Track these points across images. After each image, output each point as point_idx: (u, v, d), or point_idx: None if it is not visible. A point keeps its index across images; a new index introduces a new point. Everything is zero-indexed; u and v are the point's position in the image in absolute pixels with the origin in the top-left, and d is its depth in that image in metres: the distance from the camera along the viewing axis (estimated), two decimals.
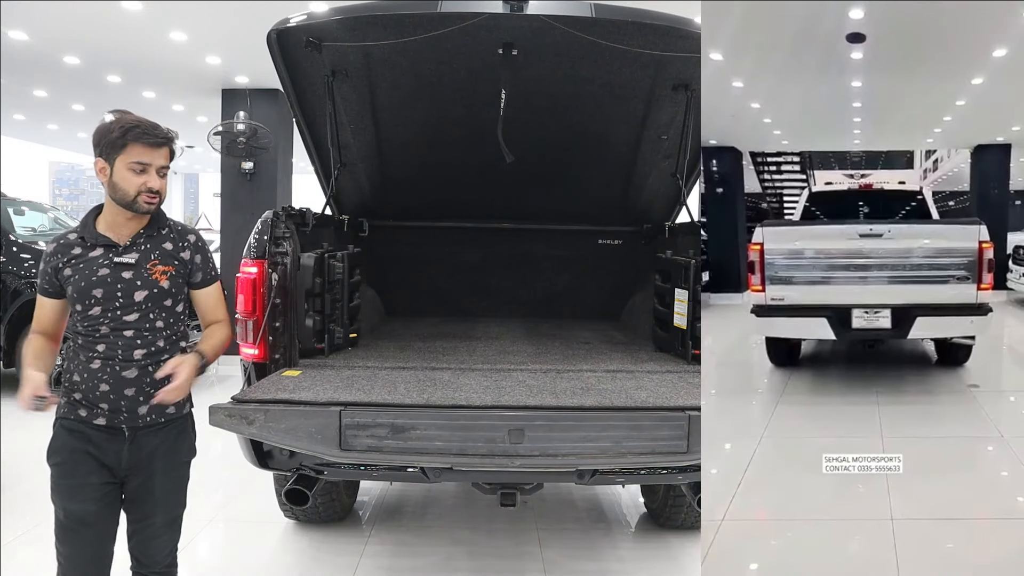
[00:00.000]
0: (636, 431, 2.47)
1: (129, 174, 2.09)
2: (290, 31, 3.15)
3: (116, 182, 2.10)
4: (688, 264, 3.43)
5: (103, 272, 2.11)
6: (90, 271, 2.10)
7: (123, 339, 2.12)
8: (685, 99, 3.63)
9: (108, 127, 2.09)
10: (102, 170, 2.12)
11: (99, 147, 2.11)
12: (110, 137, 2.08)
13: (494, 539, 3.76)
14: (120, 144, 2.08)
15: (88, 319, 2.11)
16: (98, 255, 2.12)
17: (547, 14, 2.95)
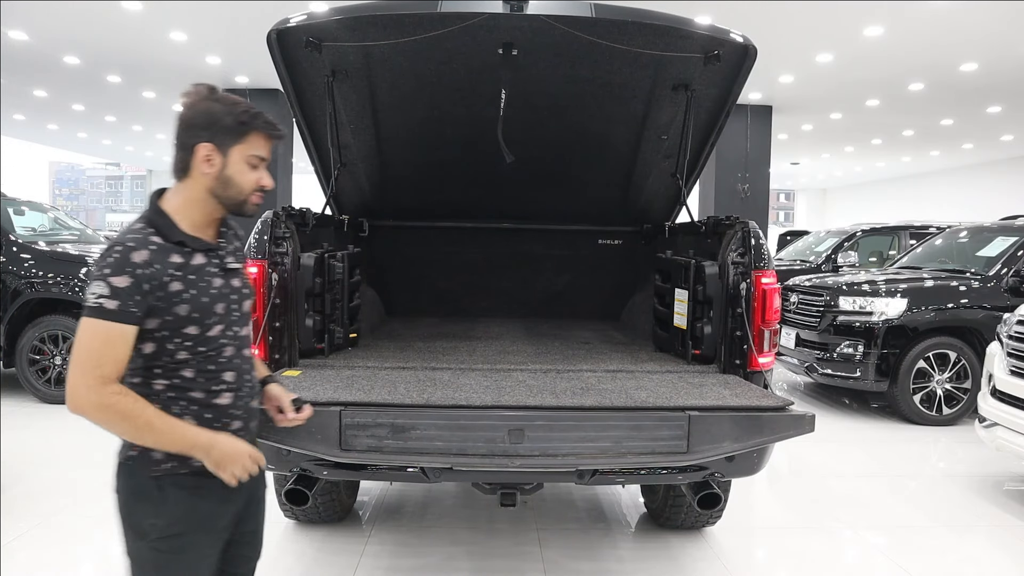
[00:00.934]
0: (636, 431, 2.47)
1: (246, 168, 1.76)
2: (290, 31, 3.15)
3: (230, 176, 1.74)
4: (688, 264, 3.43)
5: (218, 282, 1.75)
6: (205, 283, 1.71)
7: (245, 360, 1.82)
8: (685, 99, 3.63)
9: (219, 108, 1.72)
10: (208, 159, 1.71)
11: (208, 131, 1.71)
12: (226, 122, 1.71)
13: (494, 539, 3.76)
14: (240, 132, 1.74)
15: (207, 343, 1.71)
16: (203, 263, 1.73)
17: (547, 14, 2.95)
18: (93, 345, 1.59)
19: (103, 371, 1.59)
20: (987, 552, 3.81)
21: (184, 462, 1.69)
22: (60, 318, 6.52)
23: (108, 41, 7.94)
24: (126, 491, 1.71)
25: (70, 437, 5.54)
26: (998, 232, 7.08)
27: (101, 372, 1.59)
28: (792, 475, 4.98)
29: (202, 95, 1.73)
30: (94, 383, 1.58)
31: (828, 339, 6.54)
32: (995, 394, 4.48)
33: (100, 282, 1.59)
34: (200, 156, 1.71)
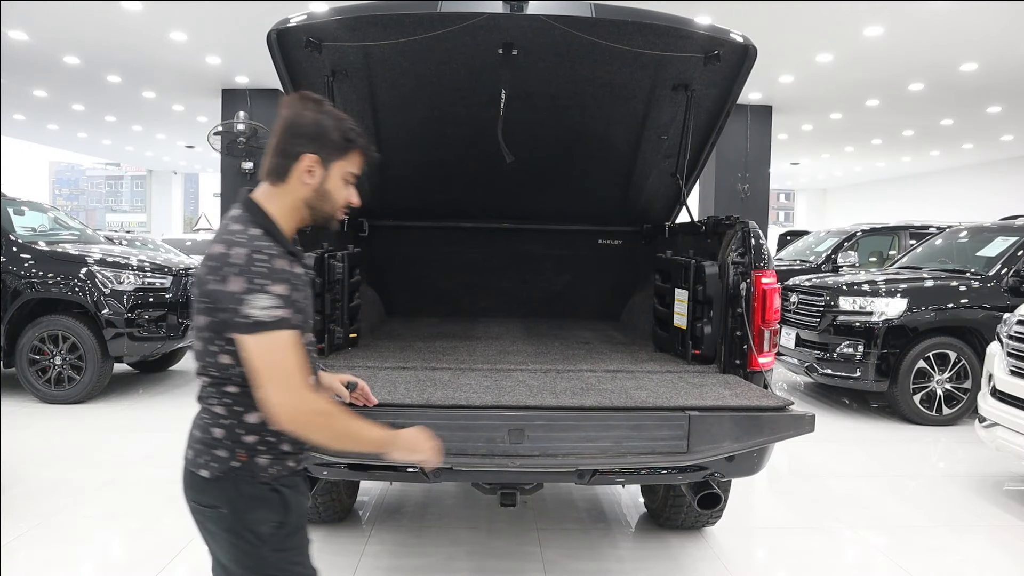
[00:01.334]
0: (636, 431, 2.47)
1: (341, 184, 1.78)
2: (290, 31, 3.15)
3: (328, 190, 1.75)
4: (688, 264, 3.43)
5: (308, 291, 1.77)
6: (306, 292, 1.75)
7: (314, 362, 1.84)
8: (685, 99, 3.63)
9: (328, 122, 1.72)
10: (310, 171, 1.71)
11: (315, 143, 1.71)
12: (333, 136, 1.73)
13: (494, 539, 3.76)
14: (345, 148, 1.76)
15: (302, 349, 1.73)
16: (302, 271, 1.74)
17: (547, 14, 2.95)
18: (287, 357, 1.58)
19: (306, 378, 1.61)
20: (987, 552, 3.81)
21: (284, 464, 1.71)
22: (60, 318, 6.52)
23: (108, 41, 7.94)
24: (238, 501, 1.66)
25: (70, 437, 5.55)
26: (998, 232, 7.08)
27: (304, 380, 1.61)
28: (792, 475, 4.98)
29: (310, 105, 1.73)
30: (306, 392, 1.60)
31: (828, 339, 6.54)
32: (995, 394, 4.48)
33: (261, 294, 1.56)
34: (303, 166, 1.70)
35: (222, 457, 1.66)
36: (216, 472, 1.66)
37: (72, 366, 6.51)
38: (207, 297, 1.61)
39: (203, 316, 1.64)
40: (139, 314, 6.60)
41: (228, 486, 1.66)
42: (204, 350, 1.66)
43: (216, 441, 1.67)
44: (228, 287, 1.56)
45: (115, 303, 6.50)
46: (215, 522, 1.68)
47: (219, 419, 1.67)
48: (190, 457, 1.71)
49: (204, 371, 1.69)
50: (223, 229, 1.68)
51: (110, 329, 6.46)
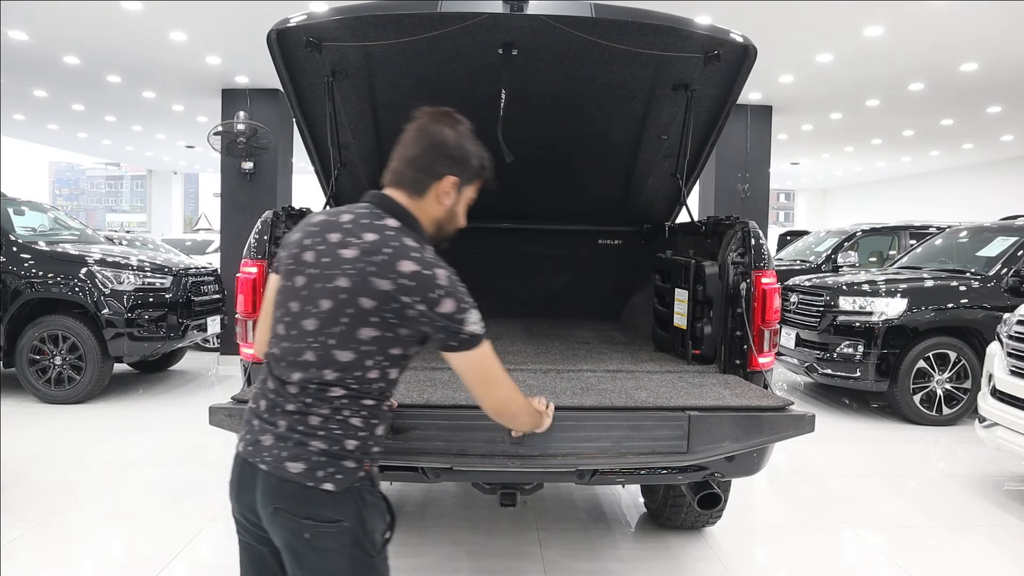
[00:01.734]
0: (636, 431, 2.47)
1: (463, 209, 1.83)
2: (290, 31, 3.15)
3: (456, 213, 1.81)
4: (688, 264, 3.43)
5: None
6: None
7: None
8: (685, 99, 3.63)
9: (471, 149, 1.79)
10: (447, 193, 1.75)
11: (459, 167, 1.76)
12: (473, 164, 1.78)
13: (494, 539, 3.76)
14: (477, 177, 1.82)
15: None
16: None
17: (547, 14, 2.95)
18: (495, 361, 1.75)
19: (508, 376, 1.81)
20: (987, 552, 3.81)
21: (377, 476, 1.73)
22: (60, 318, 6.52)
23: (108, 41, 7.94)
24: (363, 511, 1.63)
25: (70, 437, 5.55)
26: (998, 232, 7.08)
27: (507, 374, 1.80)
28: (792, 475, 4.98)
29: (456, 126, 1.79)
30: (513, 386, 1.82)
31: (828, 339, 6.54)
32: (995, 394, 4.48)
33: (471, 311, 1.67)
34: (444, 186, 1.74)
35: (350, 468, 1.61)
36: (343, 484, 1.59)
37: (72, 366, 6.51)
38: (395, 315, 1.60)
39: (373, 330, 1.60)
40: (139, 314, 6.60)
41: (354, 498, 1.61)
42: (355, 363, 1.62)
43: (347, 453, 1.61)
44: (442, 309, 1.61)
45: (115, 303, 6.50)
46: (334, 538, 1.59)
47: (356, 431, 1.63)
48: (301, 470, 1.58)
49: (341, 382, 1.62)
50: (397, 241, 1.62)
51: (110, 329, 6.46)
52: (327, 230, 1.67)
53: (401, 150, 1.77)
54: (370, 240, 1.62)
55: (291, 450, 1.59)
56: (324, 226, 1.69)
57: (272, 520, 1.61)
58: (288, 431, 1.61)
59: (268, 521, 1.62)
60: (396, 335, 1.63)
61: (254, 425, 1.67)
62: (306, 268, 1.66)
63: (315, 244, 1.67)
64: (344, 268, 1.60)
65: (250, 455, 1.64)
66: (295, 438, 1.60)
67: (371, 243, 1.62)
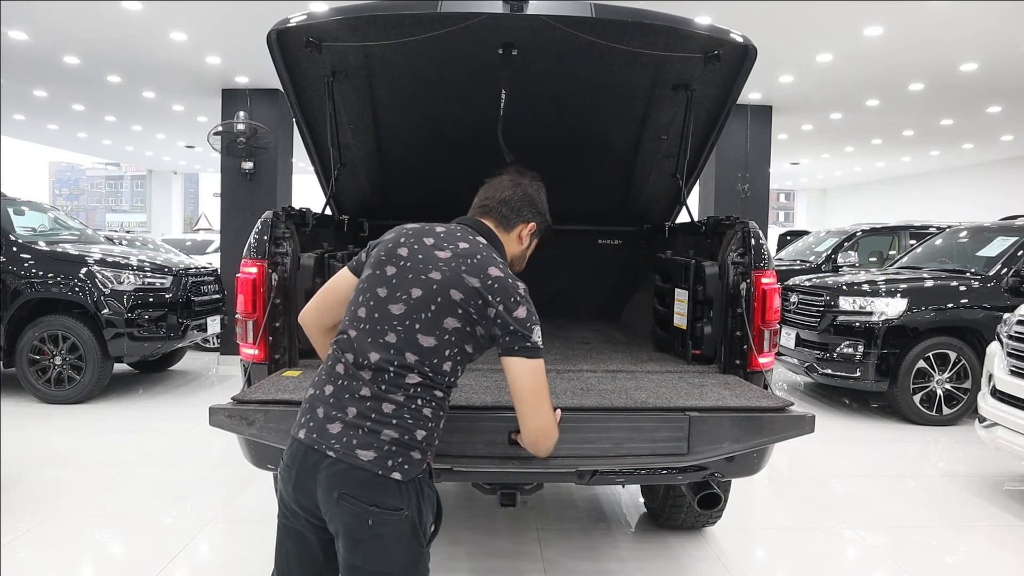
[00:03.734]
0: (636, 432, 2.46)
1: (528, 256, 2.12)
2: (290, 31, 3.15)
3: (524, 257, 2.11)
4: (688, 264, 3.43)
5: None
6: None
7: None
8: (685, 99, 3.63)
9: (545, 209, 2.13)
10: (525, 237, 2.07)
11: (540, 218, 2.10)
12: (548, 220, 2.14)
13: (494, 539, 3.76)
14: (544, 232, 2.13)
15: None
16: None
17: (547, 14, 2.95)
18: (547, 384, 1.84)
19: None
20: (987, 552, 3.81)
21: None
22: (60, 318, 6.52)
23: (108, 41, 7.93)
24: (423, 502, 1.70)
25: (70, 437, 5.55)
26: (998, 232, 7.08)
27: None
28: (792, 475, 4.98)
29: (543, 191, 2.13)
30: (554, 417, 1.88)
31: (828, 339, 6.54)
32: (995, 394, 4.48)
33: (538, 325, 1.80)
34: (527, 230, 2.05)
35: (417, 460, 1.68)
36: (410, 474, 1.66)
37: (72, 366, 6.51)
38: (478, 311, 1.73)
39: (456, 321, 1.73)
40: (139, 314, 6.60)
41: (416, 488, 1.68)
42: (436, 350, 1.71)
43: (416, 443, 1.67)
44: (517, 313, 1.75)
45: (115, 303, 6.50)
46: (395, 526, 1.64)
47: (427, 422, 1.70)
48: (371, 458, 1.62)
49: (419, 369, 1.69)
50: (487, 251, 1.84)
51: (110, 329, 6.46)
52: (422, 235, 1.86)
53: (492, 191, 2.04)
54: (463, 247, 1.83)
55: (362, 438, 1.64)
56: (419, 231, 1.88)
57: (336, 506, 1.64)
58: (359, 418, 1.65)
59: (330, 507, 1.65)
60: (473, 331, 1.74)
61: (318, 412, 1.70)
62: (400, 260, 1.80)
63: (410, 243, 1.84)
64: (439, 264, 1.77)
65: (315, 442, 1.66)
66: (367, 426, 1.64)
67: (464, 249, 1.82)
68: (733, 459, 2.67)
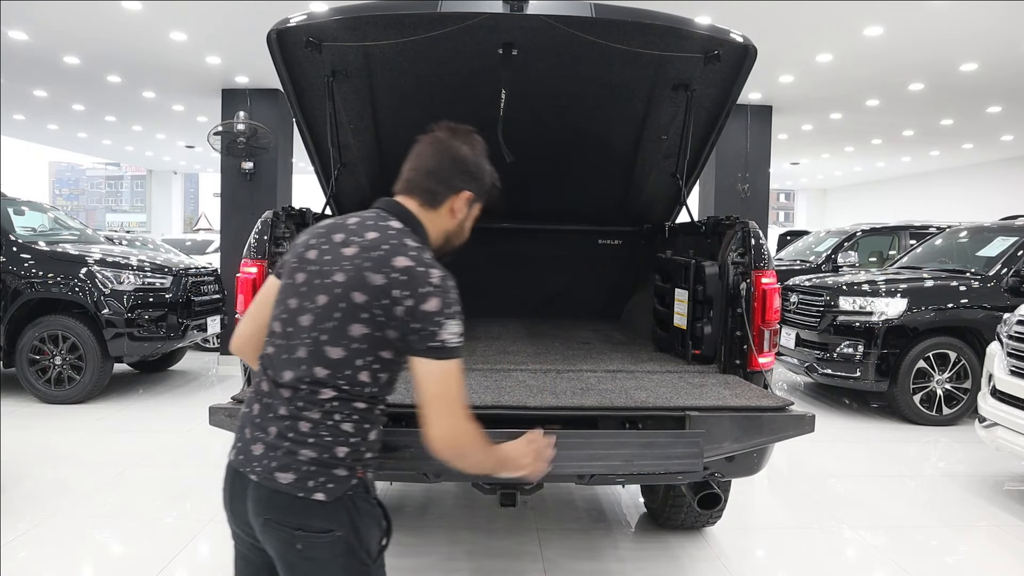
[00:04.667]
0: (648, 448, 2.40)
1: (470, 226, 1.85)
2: (290, 31, 3.15)
3: (463, 230, 1.83)
4: (688, 264, 3.43)
5: None
6: None
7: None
8: (685, 99, 3.63)
9: (487, 168, 1.82)
10: (460, 208, 1.77)
11: (476, 183, 1.79)
12: (487, 181, 1.81)
13: (494, 539, 3.76)
14: (488, 195, 1.83)
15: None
16: None
17: (547, 14, 2.95)
18: (459, 384, 1.61)
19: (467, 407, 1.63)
20: (987, 552, 3.81)
21: (376, 476, 1.68)
22: (60, 318, 6.52)
23: (108, 41, 7.93)
24: (357, 520, 1.57)
25: (70, 437, 5.55)
26: (998, 232, 7.08)
27: (467, 407, 1.63)
28: (792, 475, 4.98)
29: (476, 145, 1.82)
30: (469, 419, 1.61)
31: (828, 339, 6.54)
32: (995, 394, 4.48)
33: (457, 322, 1.61)
34: (460, 200, 1.75)
35: (341, 477, 1.55)
36: (335, 493, 1.54)
37: (72, 366, 6.51)
38: (384, 312, 1.54)
39: (364, 327, 1.55)
40: (139, 314, 6.60)
41: (347, 506, 1.56)
42: (346, 361, 1.56)
43: (338, 461, 1.55)
44: (426, 307, 1.55)
45: (115, 303, 6.50)
46: (326, 547, 1.55)
47: (347, 437, 1.57)
48: (291, 481, 1.53)
49: (330, 382, 1.56)
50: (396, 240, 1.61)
51: (110, 329, 6.46)
52: (332, 231, 1.67)
53: (416, 161, 1.77)
54: (371, 238, 1.61)
55: (281, 459, 1.55)
56: (330, 228, 1.68)
57: (264, 531, 1.59)
58: (278, 438, 1.56)
59: (260, 532, 1.60)
60: (385, 336, 1.56)
61: (245, 433, 1.64)
62: (308, 265, 1.63)
63: (319, 244, 1.66)
64: (343, 264, 1.58)
65: (241, 464, 1.62)
66: (285, 446, 1.55)
67: (371, 240, 1.60)
68: (733, 459, 2.67)
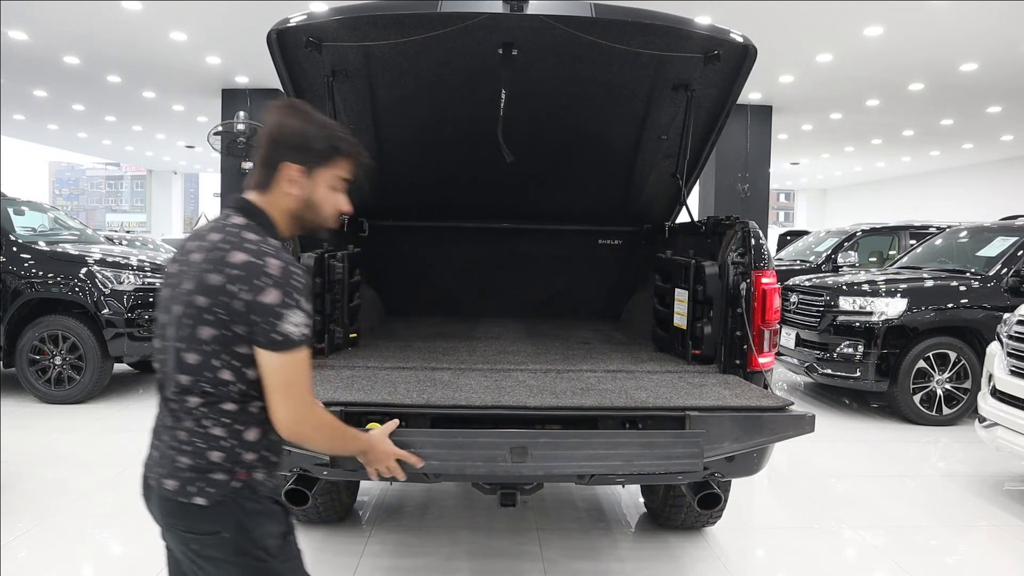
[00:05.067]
0: (648, 448, 2.40)
1: (329, 192, 1.71)
2: (290, 31, 3.15)
3: (316, 200, 1.70)
4: (688, 264, 3.43)
5: None
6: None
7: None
8: (685, 99, 3.63)
9: (312, 133, 1.68)
10: (294, 181, 1.66)
11: (298, 153, 1.66)
12: (317, 146, 1.67)
13: (494, 539, 3.76)
14: (330, 156, 1.69)
15: None
16: None
17: (547, 14, 2.95)
18: (303, 373, 1.60)
19: (313, 393, 1.66)
20: (987, 552, 3.81)
21: (276, 475, 1.70)
22: (60, 318, 6.52)
23: (108, 41, 7.94)
24: (242, 522, 1.60)
25: (70, 437, 5.55)
26: (998, 232, 7.08)
27: (313, 394, 1.66)
28: (792, 475, 4.98)
29: (294, 114, 1.69)
30: (313, 405, 1.65)
31: (828, 339, 6.53)
32: (995, 394, 4.48)
33: (298, 311, 1.56)
34: (287, 176, 1.67)
35: (220, 480, 1.59)
36: (215, 498, 1.58)
37: (72, 366, 6.51)
38: (225, 309, 1.54)
39: (210, 328, 1.55)
40: (139, 314, 6.59)
41: (231, 508, 1.59)
42: (203, 365, 1.57)
43: (213, 465, 1.58)
44: (264, 298, 1.52)
45: (115, 303, 6.50)
46: (216, 548, 1.61)
47: (218, 441, 1.59)
48: (173, 488, 1.58)
49: (194, 388, 1.58)
50: (234, 236, 1.59)
51: (110, 329, 6.46)
52: (189, 241, 1.68)
53: (256, 151, 1.74)
54: (212, 240, 1.60)
55: (166, 467, 1.61)
56: (188, 239, 1.70)
57: (166, 534, 1.67)
58: (166, 447, 1.62)
59: (164, 534, 1.68)
60: (234, 333, 1.55)
61: (151, 442, 1.70)
62: (170, 279, 1.66)
63: (179, 256, 1.68)
64: (192, 271, 1.59)
65: (145, 471, 1.69)
66: (170, 455, 1.61)
67: (212, 242, 1.60)
68: (733, 459, 2.67)
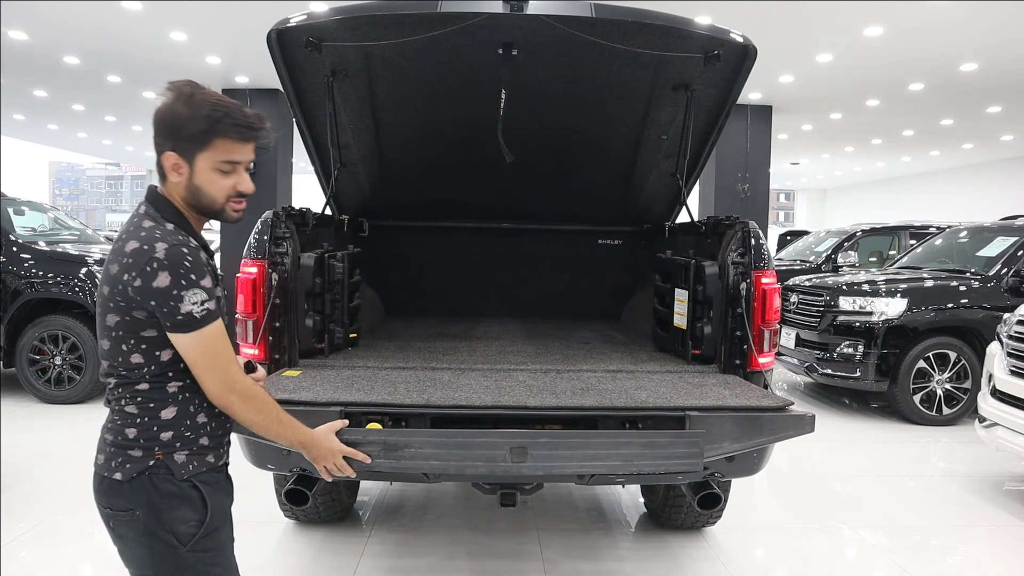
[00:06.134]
0: (648, 448, 2.39)
1: (216, 176, 1.66)
2: (290, 31, 3.15)
3: (200, 186, 1.66)
4: (688, 264, 3.43)
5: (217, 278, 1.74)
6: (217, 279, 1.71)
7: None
8: (685, 99, 3.63)
9: (183, 115, 1.61)
10: (176, 168, 1.64)
11: (172, 139, 1.63)
12: (188, 130, 1.61)
13: (494, 539, 3.76)
14: (203, 140, 1.63)
15: None
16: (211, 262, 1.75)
17: (547, 14, 2.95)
18: (220, 347, 1.64)
19: (237, 364, 1.70)
20: (987, 552, 3.81)
21: (203, 460, 1.69)
22: (60, 318, 6.52)
23: (108, 41, 7.94)
24: (156, 500, 1.62)
25: (70, 437, 5.55)
26: (998, 232, 7.08)
27: (237, 365, 1.69)
28: (792, 475, 4.98)
29: (170, 97, 1.64)
30: (236, 375, 1.67)
31: (828, 339, 6.54)
32: (995, 394, 4.48)
33: (195, 290, 1.59)
34: (167, 165, 1.65)
35: (136, 457, 1.63)
36: (130, 473, 1.62)
37: (72, 366, 6.51)
38: (122, 296, 1.59)
39: (114, 315, 1.62)
40: None
41: (145, 486, 1.62)
42: (114, 350, 1.65)
43: (130, 442, 1.63)
44: (156, 283, 1.56)
45: None
46: (129, 526, 1.64)
47: (132, 419, 1.64)
48: (100, 462, 1.67)
49: (113, 372, 1.66)
50: (134, 226, 1.64)
51: None
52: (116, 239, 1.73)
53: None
54: (120, 232, 1.69)
55: (98, 445, 1.70)
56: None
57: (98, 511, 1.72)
58: (102, 428, 1.72)
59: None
60: (134, 318, 1.61)
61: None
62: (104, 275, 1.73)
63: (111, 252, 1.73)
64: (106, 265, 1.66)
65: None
66: (101, 433, 1.71)
67: (119, 234, 1.68)
68: (733, 459, 2.67)
